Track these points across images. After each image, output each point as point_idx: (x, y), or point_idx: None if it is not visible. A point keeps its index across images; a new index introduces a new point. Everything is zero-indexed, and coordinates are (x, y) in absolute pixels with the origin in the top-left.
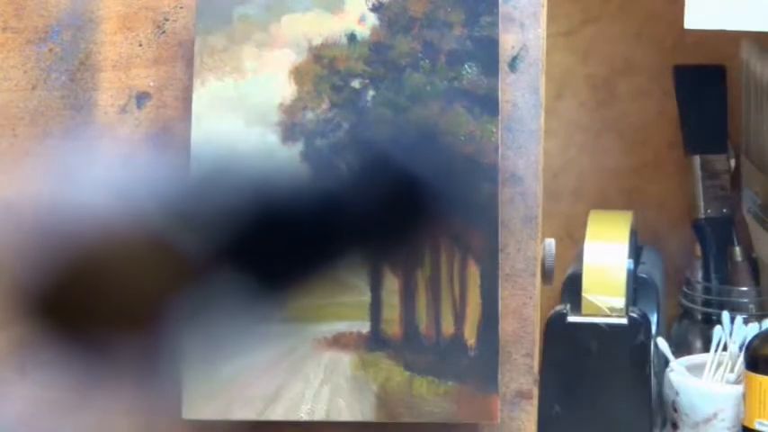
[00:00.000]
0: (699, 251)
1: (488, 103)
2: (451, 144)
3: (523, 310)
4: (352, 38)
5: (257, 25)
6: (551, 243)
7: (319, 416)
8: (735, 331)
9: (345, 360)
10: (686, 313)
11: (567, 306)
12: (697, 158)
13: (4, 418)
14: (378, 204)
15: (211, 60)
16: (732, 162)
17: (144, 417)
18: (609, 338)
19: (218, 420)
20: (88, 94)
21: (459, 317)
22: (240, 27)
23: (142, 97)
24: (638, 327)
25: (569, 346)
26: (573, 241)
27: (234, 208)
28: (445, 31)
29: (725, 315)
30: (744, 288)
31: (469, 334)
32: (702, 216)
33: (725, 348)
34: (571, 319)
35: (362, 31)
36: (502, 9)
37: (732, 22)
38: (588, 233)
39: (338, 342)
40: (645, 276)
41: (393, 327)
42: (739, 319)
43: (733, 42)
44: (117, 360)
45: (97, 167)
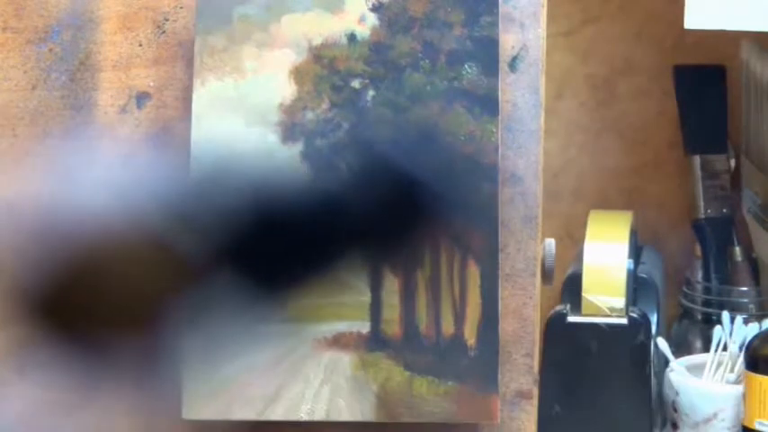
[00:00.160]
0: (699, 251)
1: (488, 103)
2: (451, 144)
3: (523, 310)
4: (352, 38)
5: (257, 25)
6: (551, 243)
7: (319, 416)
8: (735, 331)
9: (345, 360)
10: (686, 313)
11: (567, 306)
12: (697, 158)
13: (3, 418)
14: (378, 204)
15: (211, 60)
16: (732, 162)
17: (144, 417)
18: (609, 338)
19: (218, 420)
20: (88, 94)
21: (459, 317)
22: (240, 27)
23: (142, 97)
24: (638, 327)
25: (569, 346)
26: (573, 241)
27: (234, 208)
28: (445, 31)
29: (725, 315)
30: (744, 288)
31: (469, 334)
32: (702, 216)
33: (725, 348)
34: (571, 319)
35: (362, 31)
36: (502, 9)
37: (732, 22)
38: (588, 233)
39: (338, 342)
40: (645, 276)
41: (393, 327)
42: (739, 319)
43: (733, 42)
44: (117, 360)
45: (97, 167)
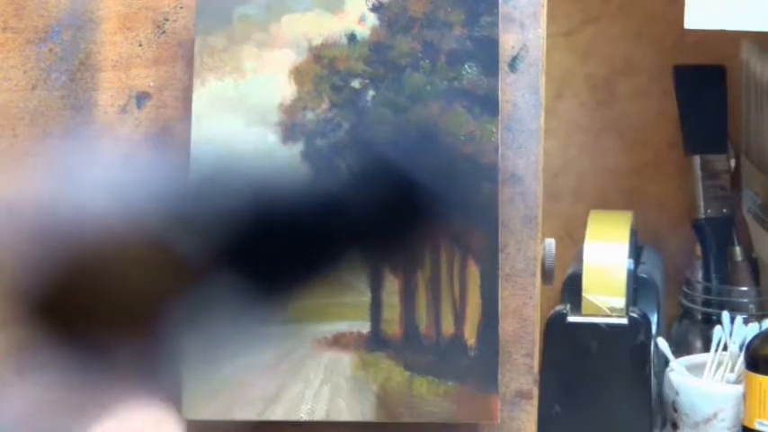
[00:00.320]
0: (699, 251)
1: (488, 103)
2: (451, 144)
3: (523, 310)
4: (352, 38)
5: (257, 25)
6: (551, 243)
7: (319, 416)
8: (735, 331)
9: (345, 360)
10: (686, 313)
11: (567, 306)
12: (697, 158)
13: (3, 418)
14: (378, 205)
15: (211, 60)
16: (732, 162)
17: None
18: (609, 338)
19: (219, 420)
20: (88, 94)
21: (460, 317)
22: (240, 27)
23: (142, 97)
24: (638, 327)
25: (569, 346)
26: (573, 241)
27: (234, 208)
28: (445, 31)
29: (725, 315)
30: (744, 288)
31: (469, 334)
32: (702, 216)
33: (725, 348)
34: (571, 319)
35: (362, 31)
36: (502, 9)
37: (732, 22)
38: (588, 233)
39: (338, 342)
40: (645, 276)
41: (393, 327)
42: (739, 319)
43: (733, 42)
44: (116, 361)
45: (97, 168)
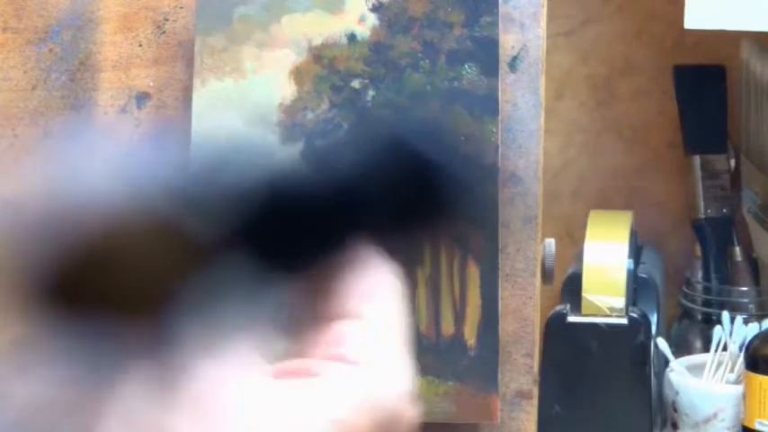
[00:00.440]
0: (699, 251)
1: (488, 104)
2: (451, 144)
3: (523, 310)
4: (352, 38)
5: (257, 25)
6: (551, 243)
7: None
8: (735, 331)
9: None
10: (686, 313)
11: (567, 306)
12: (697, 158)
13: (3, 417)
14: (377, 205)
15: (211, 60)
16: (732, 162)
17: None
18: (609, 338)
19: None
20: (88, 94)
21: (459, 317)
22: (240, 27)
23: (142, 97)
24: (638, 327)
25: (569, 346)
26: (573, 241)
27: (232, 208)
28: (445, 31)
29: (725, 315)
30: (744, 288)
31: (469, 334)
32: (702, 216)
33: (725, 348)
34: (571, 319)
35: (362, 31)
36: (502, 9)
37: (732, 22)
38: (588, 233)
39: None
40: (645, 276)
41: None
42: (739, 319)
43: (733, 42)
44: (118, 359)
45: (97, 167)
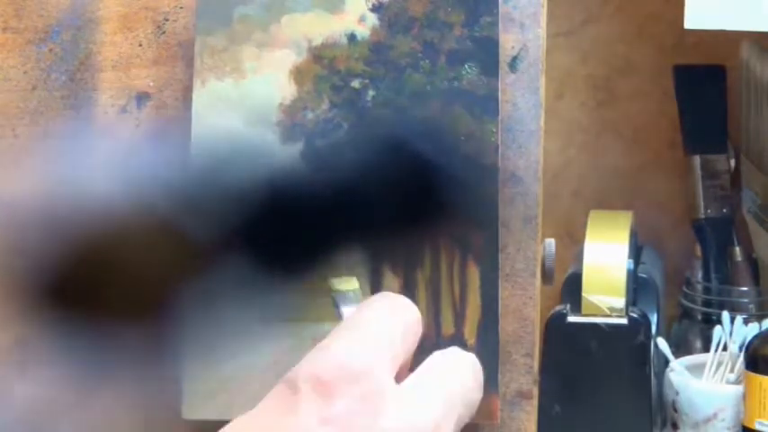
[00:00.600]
0: (699, 251)
1: (488, 104)
2: (451, 144)
3: (523, 310)
4: (352, 38)
5: (257, 25)
6: (551, 243)
7: None
8: (735, 331)
9: None
10: (686, 313)
11: (567, 306)
12: (697, 158)
13: (3, 416)
14: (378, 205)
15: (211, 60)
16: (732, 162)
17: (144, 416)
18: (609, 338)
19: (219, 420)
20: (88, 94)
21: (459, 317)
22: (240, 27)
23: (142, 97)
24: (638, 327)
25: (569, 346)
26: (573, 241)
27: (232, 208)
28: (445, 31)
29: (725, 315)
30: (744, 288)
31: (469, 334)
32: (702, 216)
33: (725, 348)
34: (571, 319)
35: (362, 31)
36: (502, 9)
37: (732, 22)
38: (588, 233)
39: None
40: (645, 276)
41: None
42: (739, 319)
43: (733, 42)
44: (118, 359)
45: (97, 167)
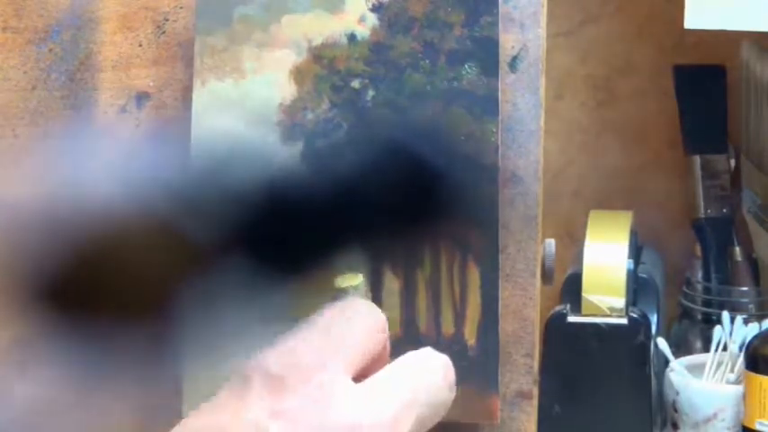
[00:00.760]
0: (699, 251)
1: (488, 104)
2: (451, 144)
3: (523, 310)
4: (352, 38)
5: (257, 25)
6: (551, 243)
7: None
8: (735, 331)
9: None
10: (686, 313)
11: (567, 306)
12: (697, 158)
13: (3, 416)
14: (378, 205)
15: (211, 60)
16: (732, 162)
17: (144, 416)
18: (609, 338)
19: None
20: (88, 94)
21: (460, 317)
22: (240, 27)
23: (142, 97)
24: (638, 327)
25: (569, 346)
26: (573, 241)
27: (232, 208)
28: (445, 31)
29: (725, 315)
30: (744, 288)
31: (469, 334)
32: (702, 216)
33: (725, 348)
34: (571, 319)
35: (362, 31)
36: (502, 9)
37: (732, 22)
38: (588, 233)
39: None
40: (645, 276)
41: (393, 327)
42: (739, 319)
43: (733, 42)
44: (118, 358)
45: (97, 168)
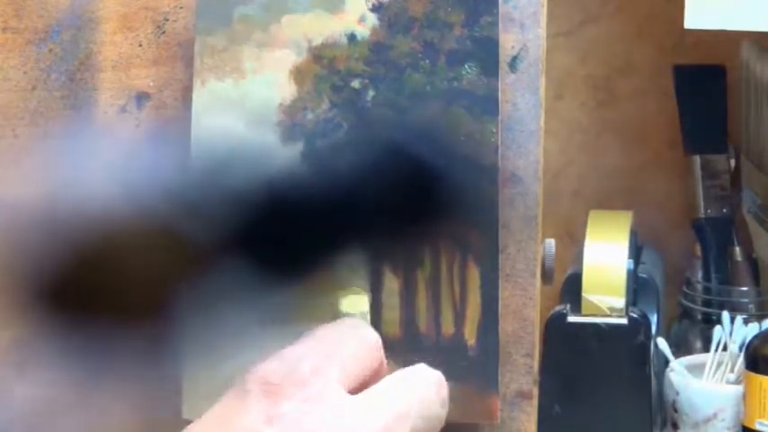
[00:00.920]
0: (699, 251)
1: (488, 104)
2: (451, 144)
3: (523, 310)
4: (352, 38)
5: (257, 25)
6: (551, 243)
7: None
8: (735, 331)
9: None
10: (686, 313)
11: (567, 306)
12: (697, 158)
13: (3, 416)
14: (378, 205)
15: (211, 60)
16: (732, 162)
17: (144, 416)
18: (609, 338)
19: None
20: (88, 93)
21: (460, 317)
22: (240, 27)
23: (142, 97)
24: (638, 327)
25: (569, 346)
26: (573, 241)
27: (232, 209)
28: (445, 31)
29: (725, 315)
30: (744, 288)
31: (469, 334)
32: (702, 216)
33: (725, 348)
34: (571, 319)
35: (362, 31)
36: (502, 9)
37: (732, 22)
38: (588, 233)
39: None
40: (645, 276)
41: (393, 327)
42: (739, 319)
43: (733, 42)
44: (118, 358)
45: (97, 168)
